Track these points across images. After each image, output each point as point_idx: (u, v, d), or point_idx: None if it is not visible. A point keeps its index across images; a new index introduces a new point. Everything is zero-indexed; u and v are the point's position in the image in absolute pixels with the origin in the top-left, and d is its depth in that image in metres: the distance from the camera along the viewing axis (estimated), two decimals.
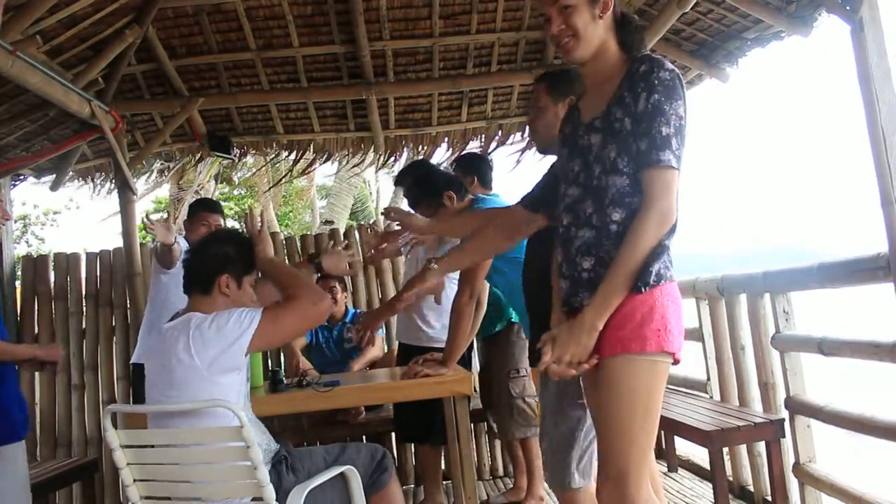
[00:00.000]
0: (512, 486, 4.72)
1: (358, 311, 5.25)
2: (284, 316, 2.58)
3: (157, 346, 2.64)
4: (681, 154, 1.98)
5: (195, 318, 2.56)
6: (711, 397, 4.61)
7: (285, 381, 3.56)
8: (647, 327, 1.97)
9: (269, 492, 2.39)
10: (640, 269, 1.96)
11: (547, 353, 2.01)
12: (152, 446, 2.57)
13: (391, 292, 5.71)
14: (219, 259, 2.69)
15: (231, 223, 20.57)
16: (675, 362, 2.03)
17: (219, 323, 2.53)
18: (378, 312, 4.51)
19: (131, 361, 4.81)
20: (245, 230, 3.05)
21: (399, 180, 4.76)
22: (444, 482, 4.49)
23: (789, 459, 3.82)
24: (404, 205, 4.17)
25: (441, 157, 6.42)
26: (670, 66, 2.02)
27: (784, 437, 3.74)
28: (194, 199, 5.80)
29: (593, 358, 2.00)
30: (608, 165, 2.04)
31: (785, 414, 3.80)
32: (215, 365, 2.49)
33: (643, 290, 1.97)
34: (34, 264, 5.69)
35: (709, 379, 4.68)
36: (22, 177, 5.78)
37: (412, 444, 5.22)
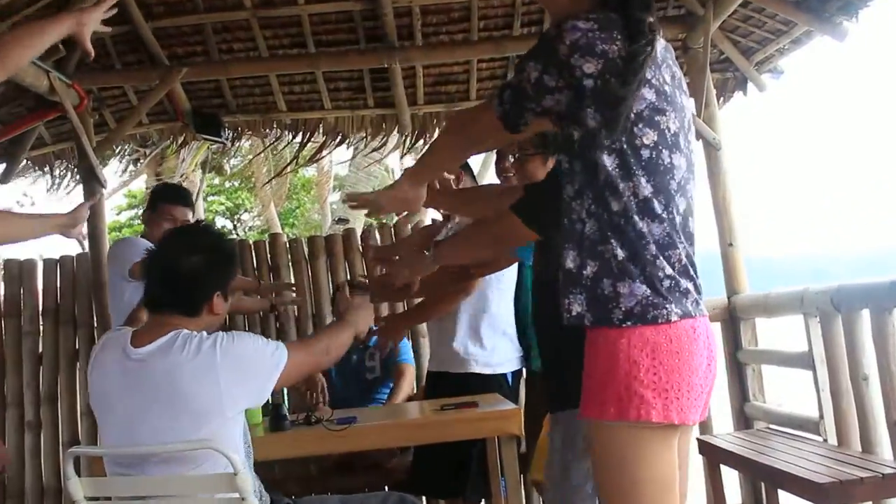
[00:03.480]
0: None
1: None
2: (306, 356, 2.81)
3: (134, 374, 2.60)
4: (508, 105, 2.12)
5: (211, 340, 2.55)
6: (826, 440, 4.54)
7: (289, 418, 3.57)
8: (607, 389, 2.00)
9: None
10: (602, 291, 2.00)
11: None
12: (125, 498, 2.59)
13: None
14: (212, 277, 2.70)
15: (223, 222, 20.79)
16: (679, 423, 2.02)
17: (247, 348, 2.60)
18: (398, 321, 4.52)
19: None
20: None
21: None
22: None
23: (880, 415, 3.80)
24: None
25: None
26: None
27: None
28: (155, 186, 5.78)
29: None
30: None
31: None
32: (241, 402, 2.57)
33: (599, 326, 2.00)
34: None
35: (822, 417, 4.61)
36: None
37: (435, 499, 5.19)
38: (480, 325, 4.19)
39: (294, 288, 5.44)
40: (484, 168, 12.59)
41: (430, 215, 6.31)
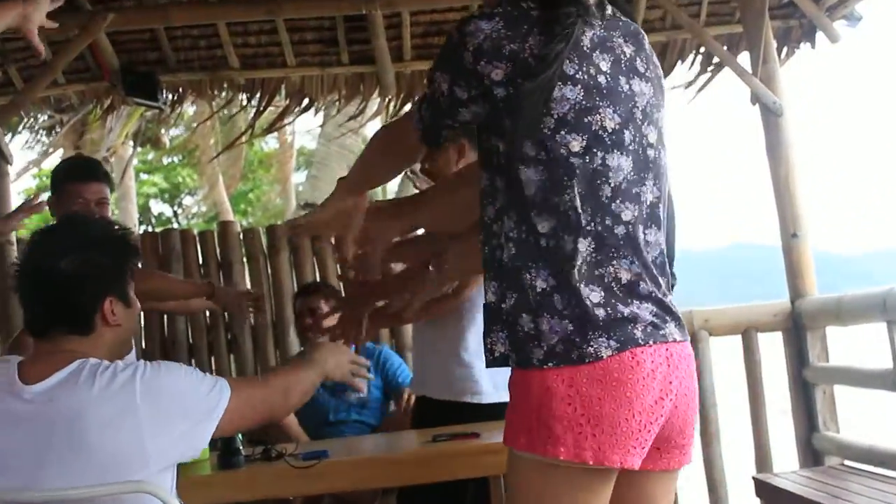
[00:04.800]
0: None
1: (376, 346, 5.32)
2: (256, 397, 2.71)
3: (27, 422, 2.43)
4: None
5: (129, 372, 2.44)
6: None
7: (243, 452, 3.57)
8: (518, 414, 2.09)
9: None
10: (521, 328, 2.07)
11: None
12: None
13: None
14: (95, 278, 2.58)
15: (160, 207, 20.75)
16: (595, 464, 2.05)
17: (177, 382, 2.51)
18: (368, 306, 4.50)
19: None
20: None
21: None
22: None
23: None
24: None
25: None
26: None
27: None
28: (59, 163, 5.65)
29: None
30: None
31: None
32: (170, 453, 2.47)
33: (521, 368, 2.07)
34: None
35: None
36: None
37: None
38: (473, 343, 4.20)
39: (258, 300, 5.20)
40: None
41: None
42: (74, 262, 2.53)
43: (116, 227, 2.84)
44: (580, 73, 2.03)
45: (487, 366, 2.12)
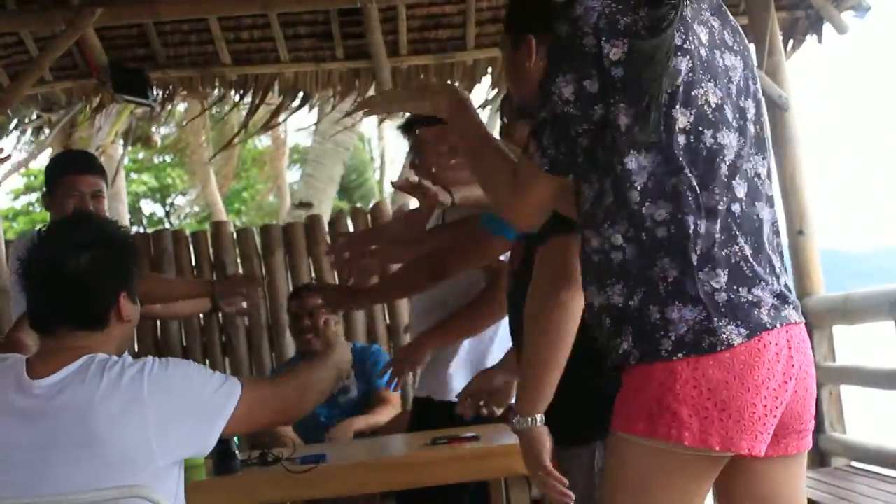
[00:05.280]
0: None
1: (368, 346, 5.30)
2: (268, 396, 2.71)
3: (36, 416, 2.47)
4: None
5: (137, 367, 2.47)
6: None
7: (239, 456, 3.59)
8: (637, 401, 2.08)
9: None
10: (649, 320, 2.07)
11: None
12: None
13: (403, 316, 5.73)
14: (112, 275, 2.62)
15: (151, 206, 20.75)
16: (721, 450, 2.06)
17: (186, 378, 2.52)
18: (423, 339, 4.48)
19: None
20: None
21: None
22: None
23: None
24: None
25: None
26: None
27: None
28: (53, 157, 5.61)
29: None
30: None
31: None
32: (177, 450, 2.49)
33: (644, 363, 2.07)
34: None
35: None
36: None
37: None
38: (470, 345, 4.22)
39: (254, 282, 5.03)
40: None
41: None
42: (92, 259, 2.55)
43: (120, 226, 2.86)
44: (687, 42, 1.99)
45: (610, 365, 2.13)
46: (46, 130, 7.28)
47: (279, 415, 2.77)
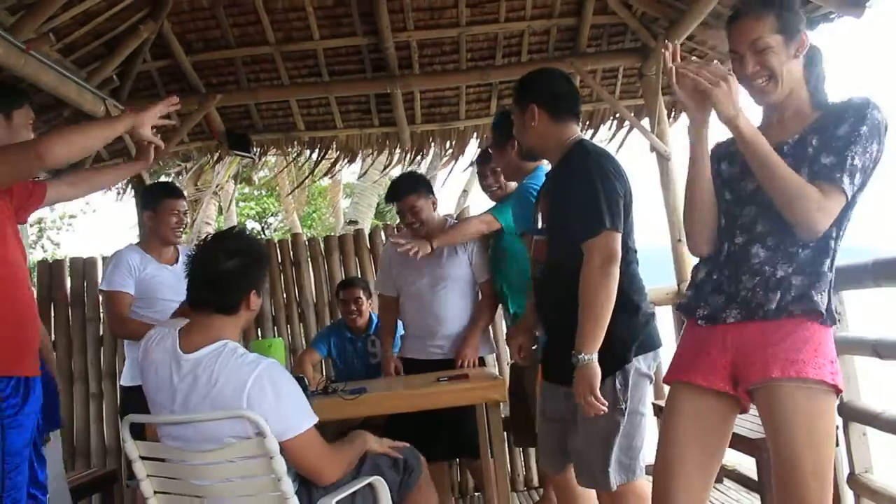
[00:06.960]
0: (539, 498, 4.68)
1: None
2: (321, 446, 2.57)
3: (184, 377, 2.49)
4: (856, 191, 2.06)
5: (252, 357, 2.46)
6: None
7: (310, 389, 3.57)
8: (819, 355, 2.13)
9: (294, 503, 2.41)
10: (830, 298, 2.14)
11: None
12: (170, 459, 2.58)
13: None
14: (248, 278, 2.59)
15: (251, 224, 20.74)
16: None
17: (286, 383, 2.49)
18: (472, 332, 4.21)
19: (121, 383, 4.28)
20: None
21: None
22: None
23: (844, 470, 3.73)
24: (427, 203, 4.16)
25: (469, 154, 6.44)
26: (881, 112, 2.07)
27: (837, 445, 3.64)
28: (151, 184, 5.24)
29: None
30: None
31: (838, 421, 3.65)
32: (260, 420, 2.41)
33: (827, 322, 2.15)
34: (50, 270, 5.76)
35: None
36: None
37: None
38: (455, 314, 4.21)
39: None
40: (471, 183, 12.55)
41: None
42: (236, 264, 2.55)
43: (258, 240, 2.83)
44: None
45: (829, 324, 2.16)
46: (184, 174, 7.26)
47: (316, 467, 2.56)
